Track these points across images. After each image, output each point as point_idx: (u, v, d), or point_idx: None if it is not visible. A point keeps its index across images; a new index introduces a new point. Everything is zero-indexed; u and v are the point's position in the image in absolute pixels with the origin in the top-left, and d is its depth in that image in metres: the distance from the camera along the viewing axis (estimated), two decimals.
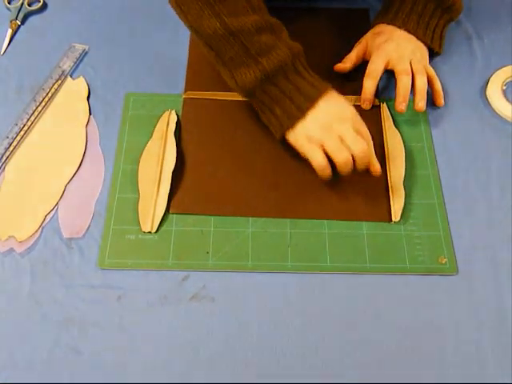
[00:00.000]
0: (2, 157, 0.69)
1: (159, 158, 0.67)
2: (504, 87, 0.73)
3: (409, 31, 0.73)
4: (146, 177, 0.66)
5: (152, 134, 0.70)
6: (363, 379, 0.55)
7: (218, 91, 0.74)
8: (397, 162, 0.67)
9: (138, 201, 0.65)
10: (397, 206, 0.64)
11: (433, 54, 0.75)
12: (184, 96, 0.74)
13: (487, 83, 0.74)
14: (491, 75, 0.75)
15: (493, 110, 0.72)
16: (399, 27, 0.73)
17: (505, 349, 0.56)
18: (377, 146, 0.66)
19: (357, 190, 0.65)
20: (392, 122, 0.71)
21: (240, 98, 0.71)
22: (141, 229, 0.63)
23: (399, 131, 0.70)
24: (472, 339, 0.57)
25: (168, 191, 0.65)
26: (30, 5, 0.85)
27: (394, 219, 0.63)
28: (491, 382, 0.55)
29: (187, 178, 0.67)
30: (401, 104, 0.68)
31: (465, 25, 0.81)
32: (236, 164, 0.68)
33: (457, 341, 0.57)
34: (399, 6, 0.74)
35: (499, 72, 0.75)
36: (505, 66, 0.75)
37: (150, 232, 0.63)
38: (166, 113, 0.72)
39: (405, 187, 0.65)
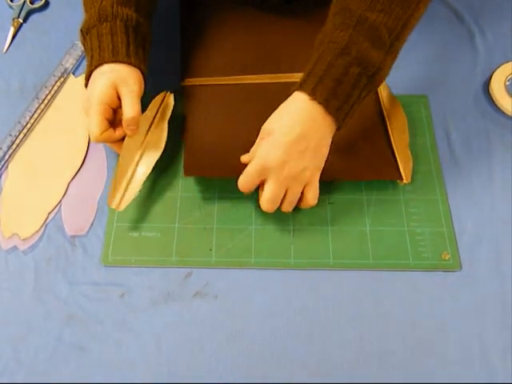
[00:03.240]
0: (5, 155, 0.69)
1: (142, 141, 0.64)
2: (507, 83, 0.73)
3: (320, 103, 0.54)
4: (126, 155, 0.64)
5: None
6: (366, 377, 0.55)
7: (218, 76, 0.73)
8: (400, 127, 0.67)
9: (115, 173, 0.63)
10: (406, 169, 0.63)
11: None
12: (183, 84, 0.73)
13: (490, 79, 0.74)
14: (494, 70, 0.74)
15: (496, 106, 0.72)
16: (309, 95, 0.55)
17: (508, 344, 0.56)
18: (375, 114, 0.67)
19: (363, 153, 0.65)
20: (389, 91, 0.70)
21: (240, 81, 0.72)
22: (108, 203, 0.62)
23: None
24: (475, 335, 0.57)
25: (146, 176, 0.62)
26: (32, 3, 0.85)
27: (405, 181, 0.63)
28: (492, 382, 0.55)
29: (198, 141, 0.66)
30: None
31: (467, 20, 0.81)
32: (246, 131, 0.64)
33: (460, 337, 0.57)
34: (312, 67, 0.56)
35: (502, 67, 0.74)
36: (508, 62, 0.75)
37: (114, 209, 0.62)
38: (161, 94, 0.68)
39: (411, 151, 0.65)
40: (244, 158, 0.60)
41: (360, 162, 0.64)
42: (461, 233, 0.63)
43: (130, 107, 0.59)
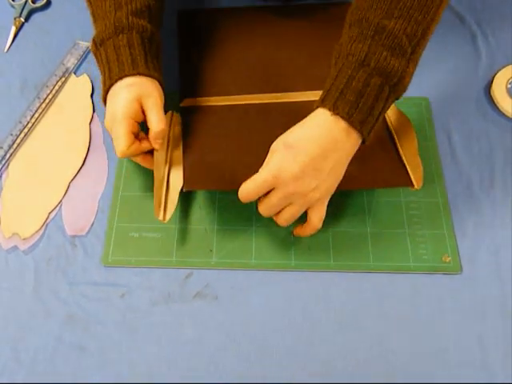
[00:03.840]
0: (6, 154, 0.69)
1: (165, 161, 0.64)
2: (509, 85, 0.73)
3: (343, 118, 0.53)
4: (159, 168, 0.63)
5: None
6: (366, 378, 0.55)
7: (218, 96, 0.71)
8: (408, 136, 0.65)
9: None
10: (416, 175, 0.61)
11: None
12: (182, 105, 0.71)
13: (492, 81, 0.74)
14: (496, 73, 0.74)
15: (497, 109, 0.72)
16: (331, 111, 0.53)
17: (508, 347, 0.56)
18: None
19: (371, 162, 0.62)
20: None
21: (241, 102, 0.70)
22: (155, 215, 0.60)
23: None
24: (475, 337, 0.57)
25: (179, 189, 0.61)
26: (33, 2, 0.85)
27: (416, 187, 0.61)
28: (492, 382, 0.55)
29: (198, 155, 0.64)
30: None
31: (469, 22, 0.81)
32: (245, 148, 0.64)
33: (460, 339, 0.57)
34: (332, 81, 0.55)
35: (504, 70, 0.74)
36: (509, 64, 0.75)
37: (162, 221, 0.60)
38: (168, 113, 0.68)
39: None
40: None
41: (368, 170, 0.62)
42: (461, 235, 0.62)
43: (157, 120, 0.59)
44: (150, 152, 0.62)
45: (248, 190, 0.55)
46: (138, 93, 0.59)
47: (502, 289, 0.59)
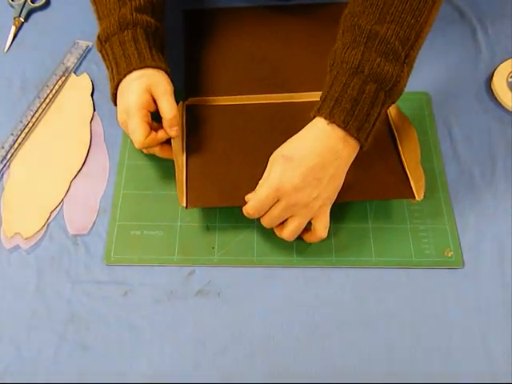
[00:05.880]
0: (7, 154, 0.69)
1: (183, 149, 0.65)
2: (509, 79, 0.73)
3: (339, 126, 0.54)
4: (178, 158, 0.63)
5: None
6: (368, 375, 0.55)
7: (222, 95, 0.71)
8: (410, 144, 0.64)
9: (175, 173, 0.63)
10: (418, 187, 0.61)
11: None
12: (186, 103, 0.71)
13: (492, 75, 0.74)
14: (496, 67, 0.74)
15: (498, 103, 0.72)
16: (327, 119, 0.54)
17: (511, 342, 0.56)
18: (384, 132, 0.66)
19: (374, 172, 0.63)
20: (398, 108, 0.67)
21: (246, 102, 0.70)
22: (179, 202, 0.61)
23: None
24: (478, 332, 0.57)
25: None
26: (33, 2, 0.85)
27: (417, 198, 0.60)
28: (493, 383, 0.55)
29: (199, 172, 0.64)
30: None
31: (469, 16, 0.81)
32: (248, 157, 0.65)
33: (463, 334, 0.57)
34: (328, 90, 0.56)
35: (504, 64, 0.74)
36: (510, 58, 0.74)
37: (185, 207, 0.60)
38: (180, 105, 0.68)
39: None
40: (249, 196, 0.58)
41: (370, 181, 0.62)
42: (463, 230, 0.62)
43: (168, 107, 0.60)
44: (166, 142, 0.63)
45: (253, 208, 0.56)
46: (147, 83, 0.60)
47: (505, 283, 0.59)
